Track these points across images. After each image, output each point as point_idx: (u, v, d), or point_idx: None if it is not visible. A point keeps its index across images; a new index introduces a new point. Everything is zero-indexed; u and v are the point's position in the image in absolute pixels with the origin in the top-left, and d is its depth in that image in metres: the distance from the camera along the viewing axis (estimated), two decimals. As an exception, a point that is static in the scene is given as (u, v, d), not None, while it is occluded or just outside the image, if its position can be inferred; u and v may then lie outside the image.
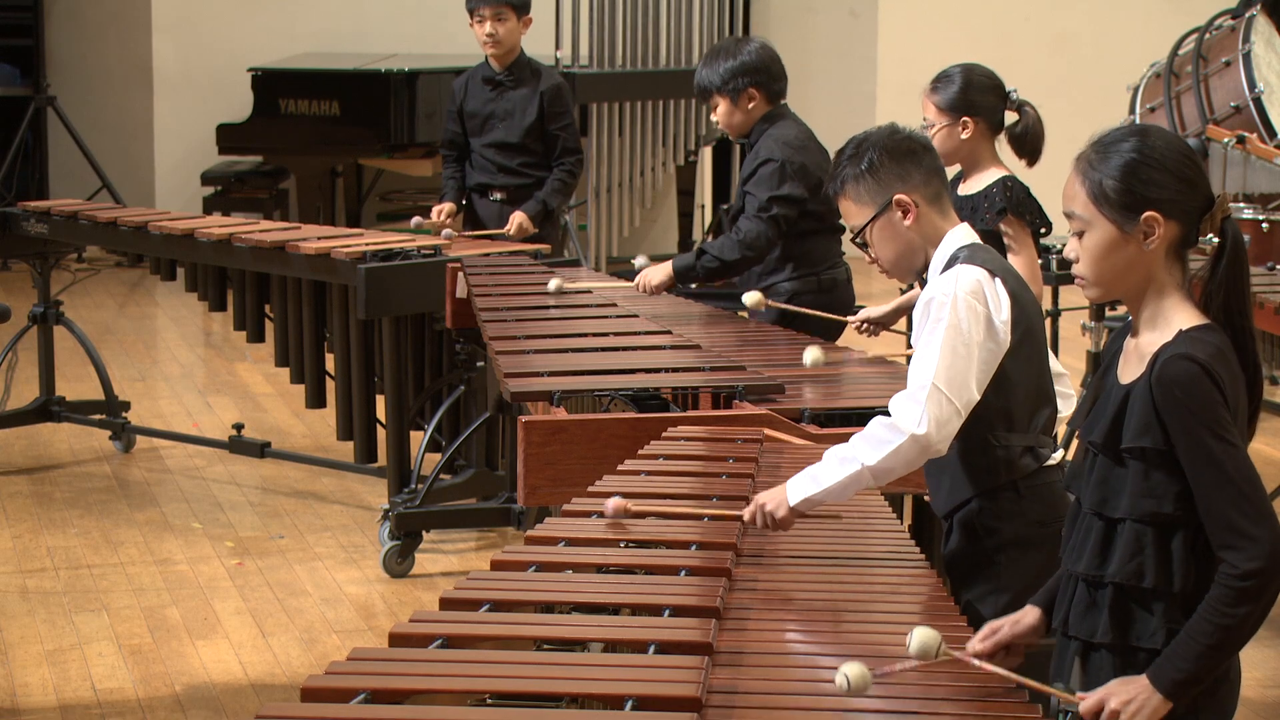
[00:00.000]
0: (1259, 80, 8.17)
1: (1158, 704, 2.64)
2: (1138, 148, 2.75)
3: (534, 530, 3.26)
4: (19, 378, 7.27)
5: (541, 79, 6.76)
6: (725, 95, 5.50)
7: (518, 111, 6.72)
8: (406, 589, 5.90)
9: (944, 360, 3.30)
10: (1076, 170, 2.80)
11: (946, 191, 3.58)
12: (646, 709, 2.43)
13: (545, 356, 4.62)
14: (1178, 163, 2.74)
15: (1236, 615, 2.63)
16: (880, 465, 3.26)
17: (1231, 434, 2.66)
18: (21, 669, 5.16)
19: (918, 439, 3.25)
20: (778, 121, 5.52)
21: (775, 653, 2.77)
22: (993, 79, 4.70)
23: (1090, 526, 2.79)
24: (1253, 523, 2.64)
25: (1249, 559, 2.62)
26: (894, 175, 3.50)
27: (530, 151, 6.74)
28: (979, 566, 3.48)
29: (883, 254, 3.56)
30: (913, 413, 3.26)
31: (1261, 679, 5.13)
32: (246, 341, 6.80)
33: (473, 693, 2.49)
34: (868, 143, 3.55)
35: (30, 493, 6.91)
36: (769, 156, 5.42)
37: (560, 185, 6.76)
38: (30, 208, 7.32)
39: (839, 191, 3.58)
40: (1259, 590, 2.63)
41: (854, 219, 3.57)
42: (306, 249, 6.25)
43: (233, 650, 5.34)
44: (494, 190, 6.72)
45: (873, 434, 3.28)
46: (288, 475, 7.12)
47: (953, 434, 3.31)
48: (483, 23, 6.64)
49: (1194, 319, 2.74)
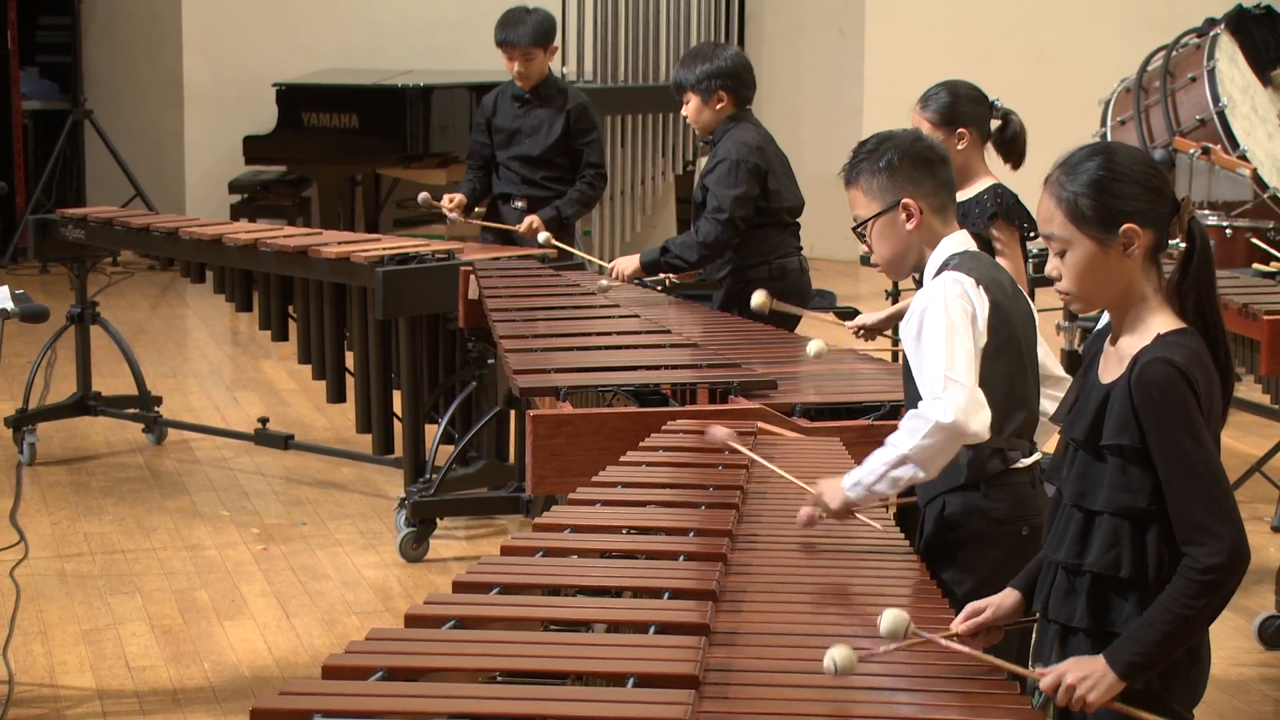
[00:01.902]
0: (1223, 95, 8.17)
1: (1112, 682, 2.64)
2: (1104, 165, 2.74)
3: (541, 518, 3.25)
4: (58, 374, 7.26)
5: (568, 98, 6.75)
6: (697, 93, 5.68)
7: (543, 128, 6.71)
8: (421, 573, 5.90)
9: (950, 354, 3.27)
10: (1048, 193, 2.78)
11: (953, 204, 3.53)
12: (647, 686, 2.42)
13: (552, 354, 4.61)
14: (1144, 173, 2.74)
15: (1195, 606, 2.63)
16: (917, 452, 3.22)
17: (1203, 436, 2.66)
18: (60, 648, 5.16)
19: (944, 427, 3.21)
20: (740, 124, 5.69)
21: (768, 633, 2.76)
22: (977, 91, 4.69)
23: (1070, 517, 2.79)
24: (1217, 521, 2.63)
25: (1211, 554, 2.62)
26: (907, 179, 3.45)
27: (553, 166, 6.72)
28: (945, 556, 3.46)
29: (879, 249, 3.51)
30: (936, 405, 3.23)
31: (1228, 657, 5.13)
32: (271, 340, 6.80)
33: (484, 670, 2.48)
34: (890, 143, 3.48)
35: (68, 482, 6.90)
36: (725, 156, 5.62)
37: (579, 196, 6.73)
38: (68, 214, 7.32)
39: (852, 181, 3.50)
40: (1218, 584, 2.63)
41: (859, 209, 3.51)
42: (327, 253, 6.24)
43: (258, 630, 5.33)
44: (516, 199, 6.72)
45: (907, 425, 3.26)
46: (310, 466, 7.12)
47: (987, 419, 3.25)
48: (513, 60, 6.63)
49: (1171, 323, 2.73)
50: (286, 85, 11.01)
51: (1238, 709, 4.81)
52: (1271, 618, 5.28)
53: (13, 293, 4.64)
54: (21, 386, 7.30)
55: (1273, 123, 8.39)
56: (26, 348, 8.44)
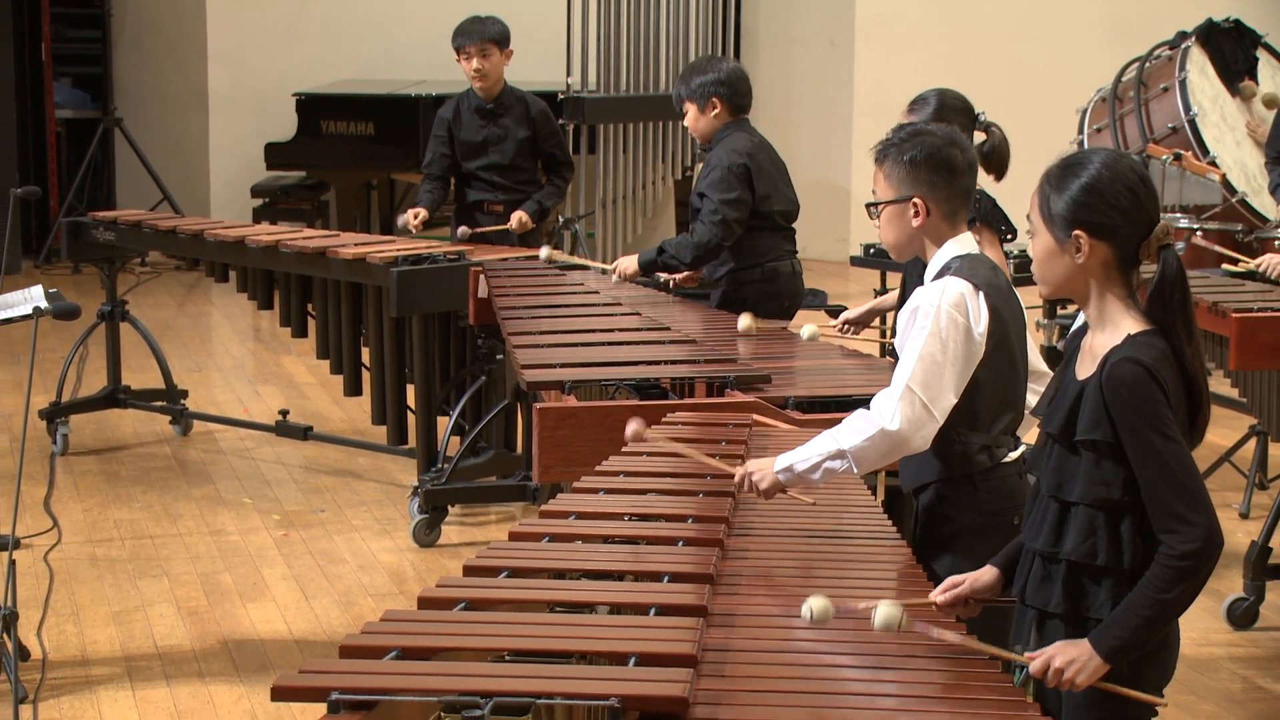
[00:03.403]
0: (1193, 104, 8.16)
1: (1097, 665, 2.65)
2: (1093, 174, 2.73)
3: (547, 505, 3.25)
4: (89, 369, 7.26)
5: (529, 104, 6.76)
6: (694, 102, 5.66)
7: (510, 136, 6.72)
8: (434, 557, 5.89)
9: (921, 366, 3.26)
10: (1040, 182, 2.81)
11: (965, 211, 3.45)
12: (648, 664, 2.42)
13: (557, 350, 4.60)
14: (1118, 194, 2.72)
15: (1173, 592, 2.63)
16: (855, 451, 3.23)
17: (1173, 430, 2.65)
18: (91, 628, 5.16)
19: (889, 434, 3.22)
20: (735, 132, 5.66)
21: (763, 615, 2.75)
22: (963, 101, 4.67)
23: (1047, 508, 2.78)
24: (1190, 509, 2.63)
25: (1186, 541, 2.62)
26: (925, 180, 3.39)
27: (523, 170, 6.77)
28: (940, 546, 3.45)
29: (885, 232, 3.48)
30: (888, 410, 3.23)
31: (1196, 638, 5.13)
32: (291, 336, 6.79)
33: (493, 650, 2.48)
34: (921, 139, 3.40)
35: (99, 471, 6.90)
36: (718, 162, 5.60)
37: (555, 190, 6.85)
38: (99, 217, 7.31)
39: (880, 161, 3.44)
40: (1194, 570, 2.63)
41: (878, 189, 3.46)
42: (345, 254, 6.24)
43: (279, 611, 5.33)
44: (493, 205, 6.73)
45: (853, 423, 3.26)
46: (328, 456, 7.11)
47: (930, 435, 3.26)
48: (469, 59, 6.63)
49: (1140, 324, 2.73)
50: (306, 95, 11.00)
51: (1208, 686, 4.81)
52: (1239, 600, 5.28)
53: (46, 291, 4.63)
54: (55, 381, 7.29)
55: (1240, 131, 8.39)
56: (60, 344, 8.44)
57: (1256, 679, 4.89)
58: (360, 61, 11.96)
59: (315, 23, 12.03)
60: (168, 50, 12.24)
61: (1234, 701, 4.72)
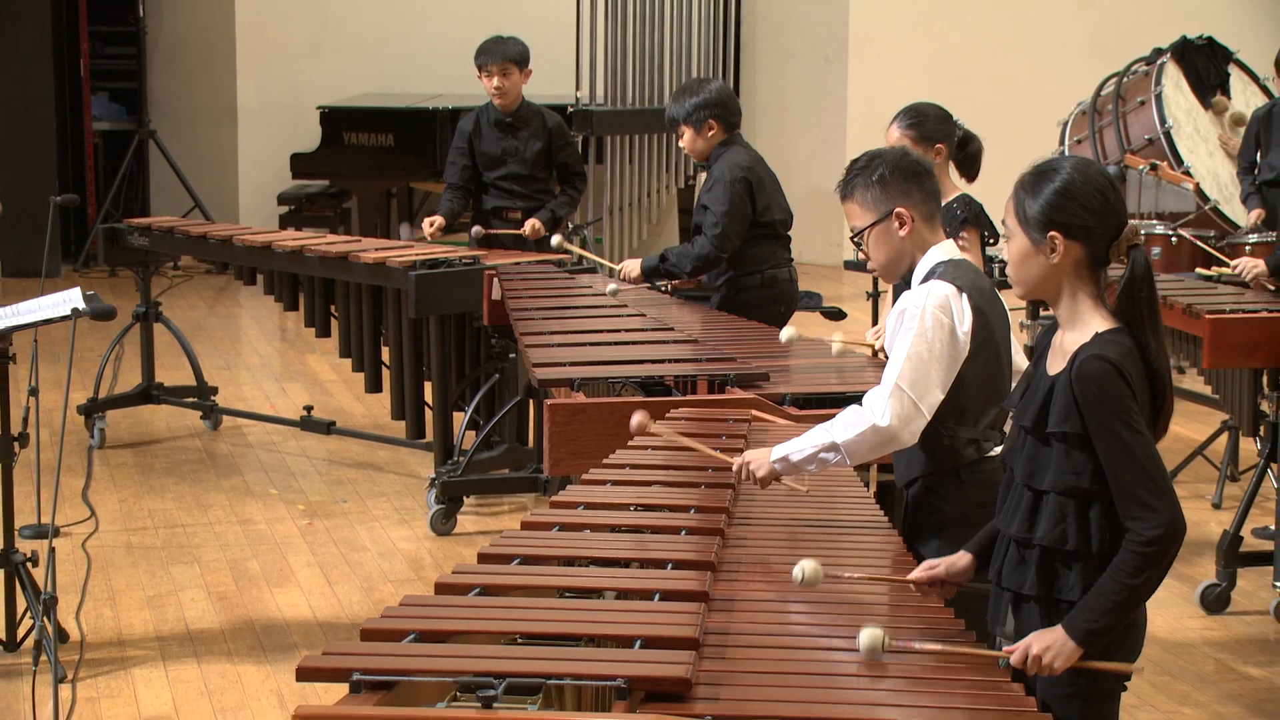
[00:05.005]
0: (1169, 117, 8.15)
1: (1072, 649, 2.64)
2: (1065, 179, 2.74)
3: (557, 496, 3.25)
4: (125, 367, 7.26)
5: (545, 118, 6.76)
6: (690, 125, 5.64)
7: (527, 148, 6.71)
8: (450, 545, 5.89)
9: (909, 365, 3.27)
10: (1015, 188, 2.80)
11: (939, 213, 3.50)
12: (652, 647, 2.41)
13: (567, 349, 4.60)
14: (1090, 196, 2.72)
15: (1140, 577, 2.63)
16: (848, 444, 3.24)
17: (1138, 422, 2.65)
18: (126, 611, 5.16)
19: (879, 429, 3.23)
20: (732, 147, 5.65)
21: (762, 600, 2.75)
22: (945, 111, 4.67)
23: (1021, 496, 2.78)
24: (1155, 497, 2.62)
25: (1151, 528, 2.62)
26: (899, 190, 3.41)
27: (539, 179, 6.76)
28: (928, 535, 3.45)
29: (875, 256, 3.48)
30: (878, 406, 3.24)
31: (1173, 620, 5.12)
32: (315, 336, 6.79)
33: (505, 633, 2.48)
34: (881, 159, 3.44)
35: (134, 464, 6.90)
36: (720, 177, 5.59)
37: (568, 199, 6.83)
38: (134, 224, 7.31)
39: (848, 195, 3.46)
40: (1160, 555, 2.62)
41: (856, 220, 3.47)
42: (366, 258, 6.23)
43: (304, 596, 5.33)
44: (511, 212, 6.73)
45: (846, 418, 3.27)
46: (350, 449, 7.11)
47: (918, 430, 3.28)
48: (491, 77, 6.63)
49: (1108, 322, 2.73)
50: (329, 108, 11.00)
51: (1182, 667, 4.80)
52: (1212, 585, 5.27)
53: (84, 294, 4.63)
54: (92, 378, 7.30)
55: (1213, 142, 8.38)
56: (97, 343, 8.44)
57: (1228, 660, 4.88)
58: (381, 76, 11.96)
59: (338, 40, 12.03)
60: (199, 66, 12.25)
61: (1207, 681, 4.71)
